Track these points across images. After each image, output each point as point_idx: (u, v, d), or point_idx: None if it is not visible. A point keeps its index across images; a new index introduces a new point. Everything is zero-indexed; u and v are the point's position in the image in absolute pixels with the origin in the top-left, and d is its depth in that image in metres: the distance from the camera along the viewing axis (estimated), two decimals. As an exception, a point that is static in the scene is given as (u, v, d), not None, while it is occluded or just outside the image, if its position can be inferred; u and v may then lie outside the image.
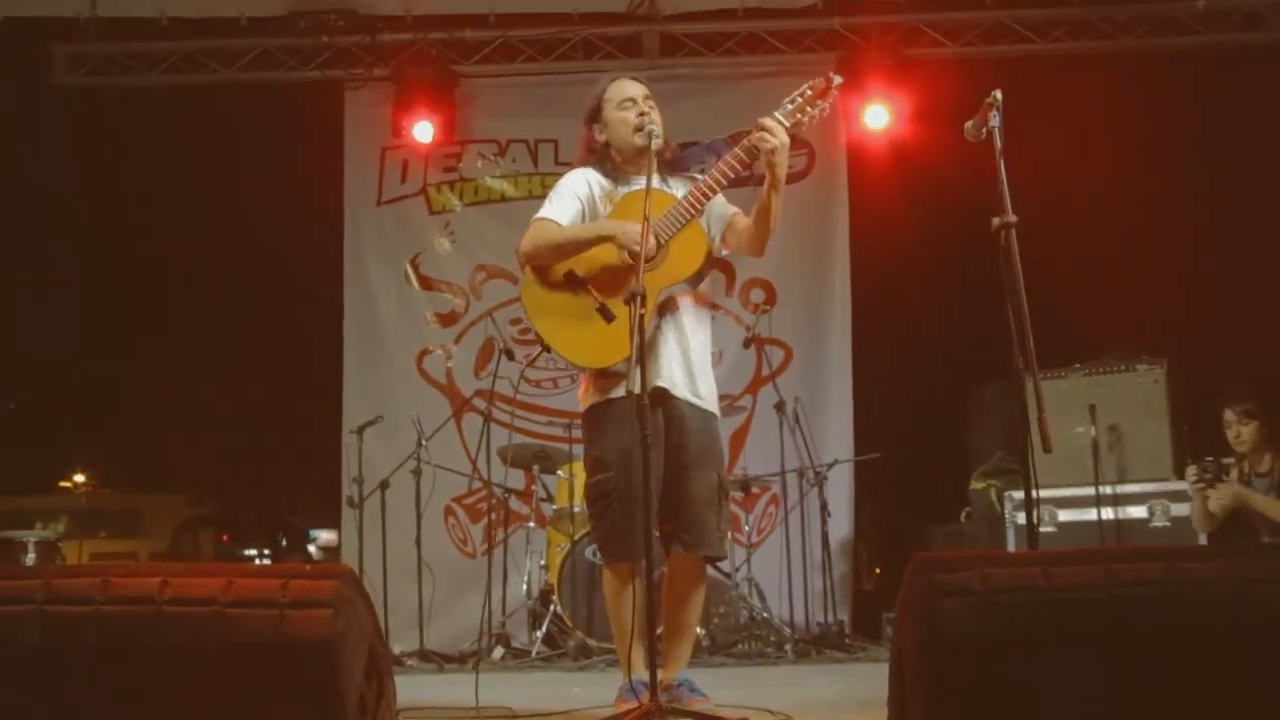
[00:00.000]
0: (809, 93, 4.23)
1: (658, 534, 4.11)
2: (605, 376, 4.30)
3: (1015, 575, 2.83)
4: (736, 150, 4.21)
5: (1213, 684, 2.73)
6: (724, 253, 4.57)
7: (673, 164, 4.54)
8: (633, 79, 4.53)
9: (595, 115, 4.49)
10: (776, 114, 4.20)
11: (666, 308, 4.27)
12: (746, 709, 4.14)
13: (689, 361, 4.33)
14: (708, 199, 4.24)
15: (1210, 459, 6.35)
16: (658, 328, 4.24)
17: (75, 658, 2.76)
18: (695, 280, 4.32)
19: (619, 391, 4.26)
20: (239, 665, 2.76)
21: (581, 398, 4.44)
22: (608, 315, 4.18)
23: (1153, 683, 2.74)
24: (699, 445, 4.27)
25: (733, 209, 4.47)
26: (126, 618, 2.77)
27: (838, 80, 4.25)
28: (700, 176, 4.28)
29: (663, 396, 4.18)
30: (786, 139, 4.15)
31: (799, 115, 4.21)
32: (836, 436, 8.70)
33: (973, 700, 2.77)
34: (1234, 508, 6.28)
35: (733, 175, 4.25)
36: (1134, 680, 2.74)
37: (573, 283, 4.28)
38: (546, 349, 4.32)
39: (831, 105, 4.27)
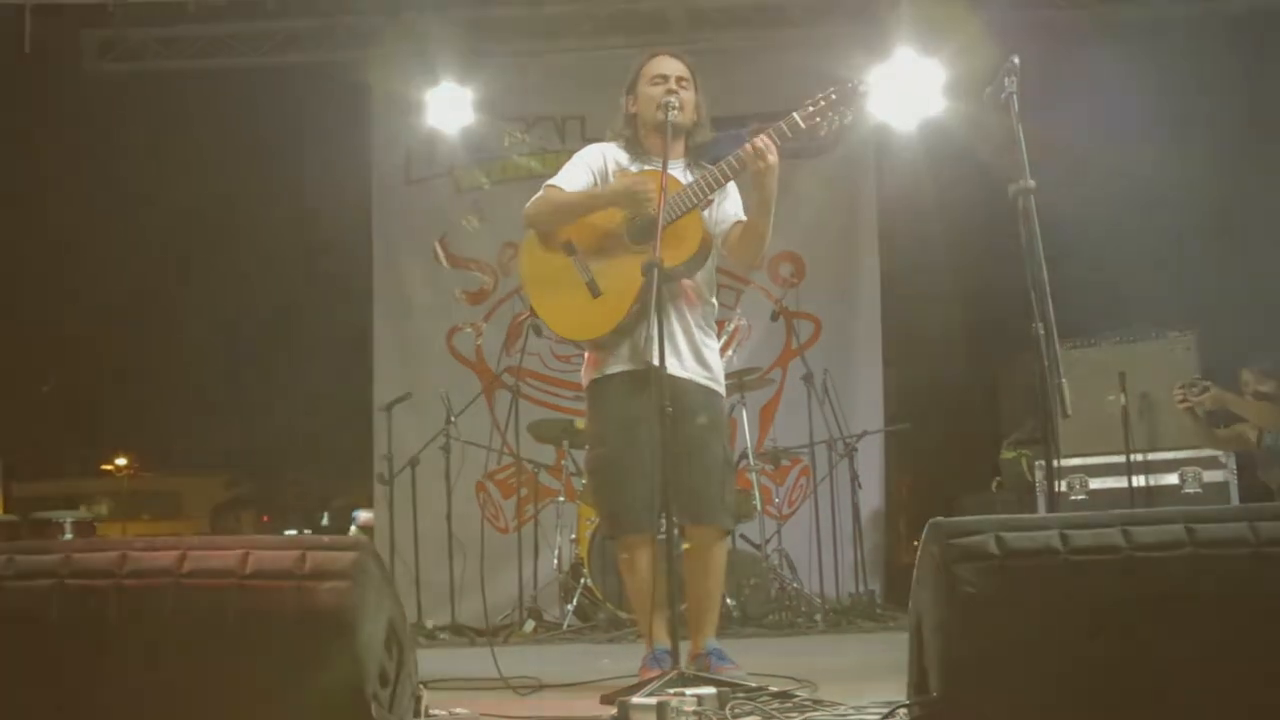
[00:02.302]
0: (833, 97, 4.15)
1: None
2: (602, 351, 4.31)
3: (1032, 539, 2.82)
4: (731, 157, 4.15)
5: (1234, 646, 2.72)
6: (723, 253, 4.46)
7: (702, 150, 4.46)
8: (675, 57, 4.47)
9: (631, 86, 4.47)
10: (795, 114, 4.15)
11: (663, 289, 4.21)
12: (770, 677, 4.15)
13: (692, 341, 4.31)
14: (712, 191, 4.20)
15: (1195, 377, 6.46)
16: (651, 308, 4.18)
17: (96, 631, 2.80)
18: (691, 266, 4.27)
19: (615, 367, 4.28)
20: (258, 637, 2.79)
21: (583, 374, 4.45)
22: (594, 290, 4.19)
23: (1171, 645, 2.73)
24: (702, 420, 4.25)
25: (740, 216, 4.39)
26: (146, 591, 2.81)
27: (863, 88, 4.19)
28: (719, 162, 4.24)
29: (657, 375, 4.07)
30: (775, 160, 4.08)
31: (818, 119, 4.14)
32: (866, 408, 8.68)
33: (989, 663, 2.77)
34: (1218, 410, 6.56)
35: (733, 175, 4.18)
36: (1152, 642, 2.73)
37: (569, 252, 4.28)
38: (535, 316, 4.36)
39: (855, 112, 4.20)
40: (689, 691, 3.46)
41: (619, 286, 4.19)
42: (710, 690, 3.51)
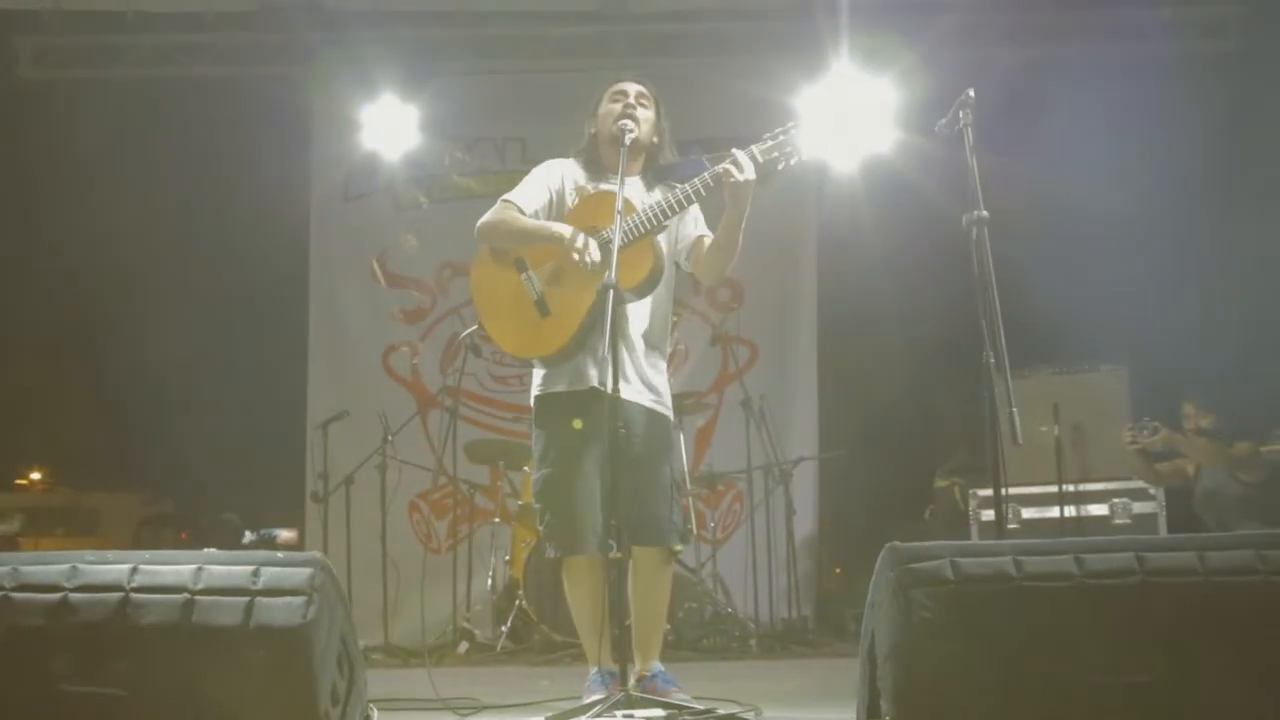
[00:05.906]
0: (792, 130, 4.18)
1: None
2: (548, 369, 4.31)
3: (987, 565, 2.85)
4: (705, 176, 4.16)
5: (1183, 671, 2.76)
6: (688, 270, 4.50)
7: (663, 172, 4.45)
8: (638, 82, 4.46)
9: (595, 108, 4.46)
10: (754, 148, 4.16)
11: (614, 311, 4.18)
12: (715, 701, 4.15)
13: (641, 365, 4.29)
14: (667, 218, 4.20)
15: (1144, 418, 6.56)
16: (599, 331, 4.16)
17: (43, 645, 2.74)
18: (642, 290, 4.26)
19: (560, 385, 4.27)
20: (210, 652, 2.75)
21: (531, 390, 4.44)
22: (543, 309, 4.19)
23: (1121, 670, 2.77)
24: (646, 442, 4.23)
25: (702, 231, 4.41)
26: (95, 605, 2.76)
27: (805, 128, 4.21)
28: (679, 186, 4.23)
29: (601, 397, 3.97)
30: (753, 175, 4.11)
31: (775, 154, 4.17)
32: (801, 433, 8.74)
33: (944, 687, 2.80)
34: (1166, 451, 6.67)
35: (694, 200, 4.20)
36: (1104, 668, 2.77)
37: (520, 269, 4.27)
38: (475, 335, 4.35)
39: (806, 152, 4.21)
40: (637, 714, 3.46)
41: (568, 307, 4.18)
42: (658, 713, 3.51)
